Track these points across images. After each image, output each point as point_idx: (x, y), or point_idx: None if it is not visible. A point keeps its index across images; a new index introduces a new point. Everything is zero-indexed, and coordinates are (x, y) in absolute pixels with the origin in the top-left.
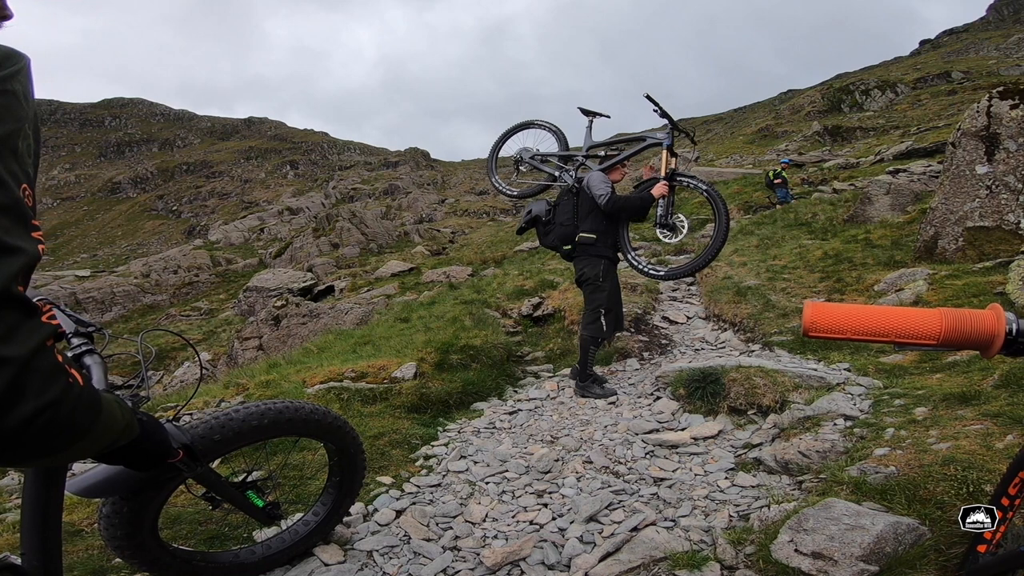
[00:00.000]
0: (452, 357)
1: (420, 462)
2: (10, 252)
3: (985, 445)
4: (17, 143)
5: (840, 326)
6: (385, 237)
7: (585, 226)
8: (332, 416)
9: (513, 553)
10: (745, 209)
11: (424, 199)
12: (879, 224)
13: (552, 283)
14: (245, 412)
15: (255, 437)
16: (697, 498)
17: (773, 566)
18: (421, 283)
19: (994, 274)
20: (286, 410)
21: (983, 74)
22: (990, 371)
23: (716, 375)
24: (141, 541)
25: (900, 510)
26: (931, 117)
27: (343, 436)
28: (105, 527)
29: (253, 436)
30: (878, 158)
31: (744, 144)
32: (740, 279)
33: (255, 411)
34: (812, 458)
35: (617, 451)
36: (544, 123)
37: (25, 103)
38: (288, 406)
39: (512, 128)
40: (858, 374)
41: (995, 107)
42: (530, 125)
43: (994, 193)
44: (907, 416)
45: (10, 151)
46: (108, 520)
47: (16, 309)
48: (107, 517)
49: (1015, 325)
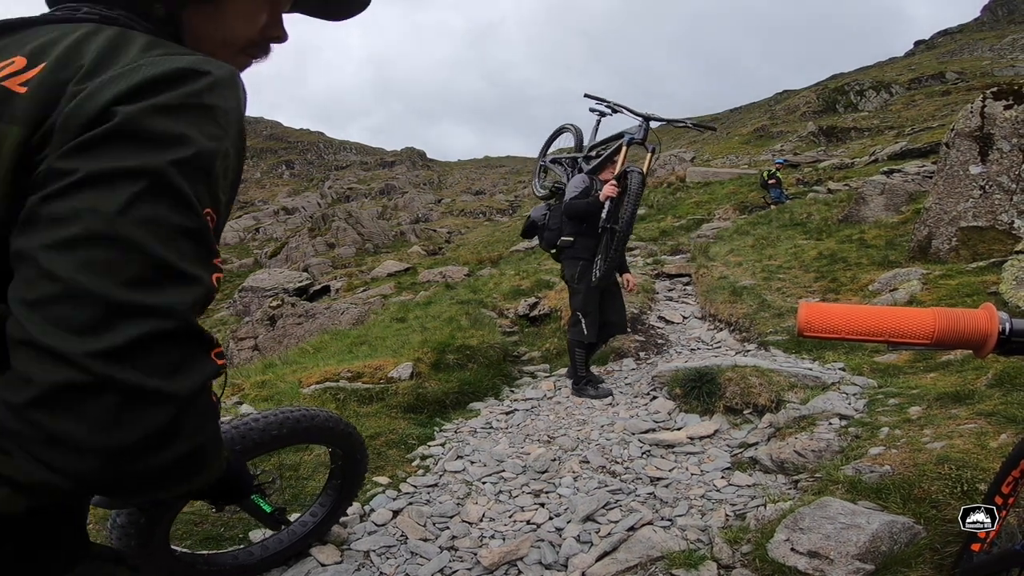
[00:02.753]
0: (448, 357)
1: (417, 462)
2: (189, 280)
3: (979, 444)
4: (213, 164)
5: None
6: (381, 237)
7: (566, 229)
8: (343, 423)
9: (510, 553)
10: (740, 209)
11: (420, 199)
12: (873, 224)
13: (548, 283)
14: (265, 422)
15: (273, 446)
16: (693, 497)
17: (769, 565)
18: (417, 283)
19: (988, 274)
20: (303, 419)
21: (977, 75)
22: (984, 370)
23: (712, 375)
24: (153, 551)
25: (895, 509)
26: (925, 118)
27: (352, 442)
28: (118, 536)
29: (272, 445)
30: (873, 158)
31: (740, 144)
32: (736, 279)
33: (274, 420)
34: (808, 457)
35: (614, 451)
36: (571, 126)
37: (225, 119)
38: (305, 414)
39: (551, 136)
40: (853, 373)
41: (989, 107)
42: (563, 130)
43: (988, 193)
44: (901, 415)
45: (203, 172)
46: (123, 530)
47: (190, 343)
48: (122, 527)
49: (1008, 324)
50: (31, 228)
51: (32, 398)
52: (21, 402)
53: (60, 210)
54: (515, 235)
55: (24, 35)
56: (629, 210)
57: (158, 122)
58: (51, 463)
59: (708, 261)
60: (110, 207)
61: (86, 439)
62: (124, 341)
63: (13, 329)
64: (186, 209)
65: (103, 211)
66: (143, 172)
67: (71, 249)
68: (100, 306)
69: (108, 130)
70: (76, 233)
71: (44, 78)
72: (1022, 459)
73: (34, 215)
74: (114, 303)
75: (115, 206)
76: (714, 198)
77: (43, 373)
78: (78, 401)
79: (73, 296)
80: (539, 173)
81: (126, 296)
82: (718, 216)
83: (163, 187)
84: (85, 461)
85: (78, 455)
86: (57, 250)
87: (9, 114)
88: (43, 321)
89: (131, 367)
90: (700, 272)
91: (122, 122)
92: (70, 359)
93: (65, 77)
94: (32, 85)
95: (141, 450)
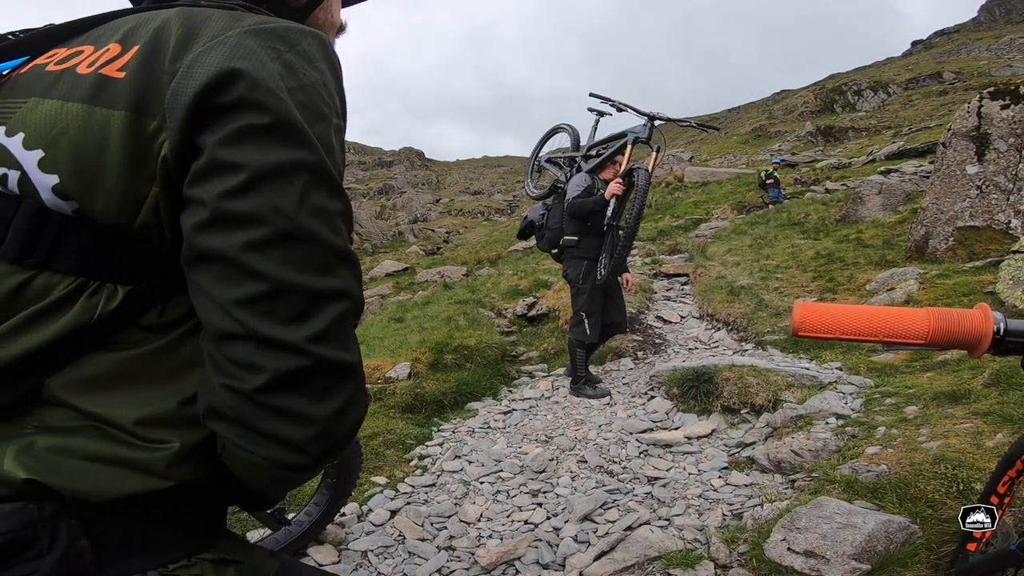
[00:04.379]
0: (447, 357)
1: (415, 462)
2: (352, 259)
3: (975, 444)
4: (330, 136)
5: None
6: (379, 237)
7: (568, 229)
8: None
9: (508, 552)
10: (738, 209)
11: (419, 199)
12: (871, 224)
13: (546, 283)
14: None
15: None
16: (691, 497)
17: (766, 565)
18: (416, 283)
19: (984, 273)
20: None
21: (974, 75)
22: (980, 370)
23: (709, 374)
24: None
25: (891, 508)
26: (922, 117)
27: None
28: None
29: None
30: (870, 158)
31: (738, 144)
32: (733, 279)
33: None
34: (804, 457)
35: (611, 450)
36: (566, 126)
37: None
38: None
39: (544, 136)
40: (850, 373)
41: (986, 107)
42: (557, 130)
43: (984, 193)
44: (898, 415)
45: (331, 148)
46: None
47: (357, 317)
48: None
49: (1003, 325)
50: (218, 226)
51: (264, 384)
52: (252, 388)
53: (245, 208)
54: (513, 235)
55: (117, 23)
56: (636, 207)
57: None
58: (279, 435)
59: (706, 261)
60: (290, 204)
61: (308, 410)
62: (326, 324)
63: (217, 322)
64: (339, 192)
65: (286, 209)
66: (305, 165)
67: (269, 248)
68: (303, 296)
69: (257, 123)
70: (269, 234)
71: (140, 60)
72: (1018, 459)
73: (220, 213)
74: (313, 292)
75: (293, 202)
76: (712, 198)
77: (272, 361)
78: (303, 381)
79: (281, 291)
80: (532, 173)
81: (320, 283)
82: (716, 216)
83: (321, 176)
84: (308, 429)
85: (303, 425)
86: (258, 250)
87: (111, 99)
88: (260, 315)
89: (333, 345)
90: (698, 272)
91: (272, 110)
92: (295, 347)
93: (159, 56)
94: (130, 68)
95: (343, 414)
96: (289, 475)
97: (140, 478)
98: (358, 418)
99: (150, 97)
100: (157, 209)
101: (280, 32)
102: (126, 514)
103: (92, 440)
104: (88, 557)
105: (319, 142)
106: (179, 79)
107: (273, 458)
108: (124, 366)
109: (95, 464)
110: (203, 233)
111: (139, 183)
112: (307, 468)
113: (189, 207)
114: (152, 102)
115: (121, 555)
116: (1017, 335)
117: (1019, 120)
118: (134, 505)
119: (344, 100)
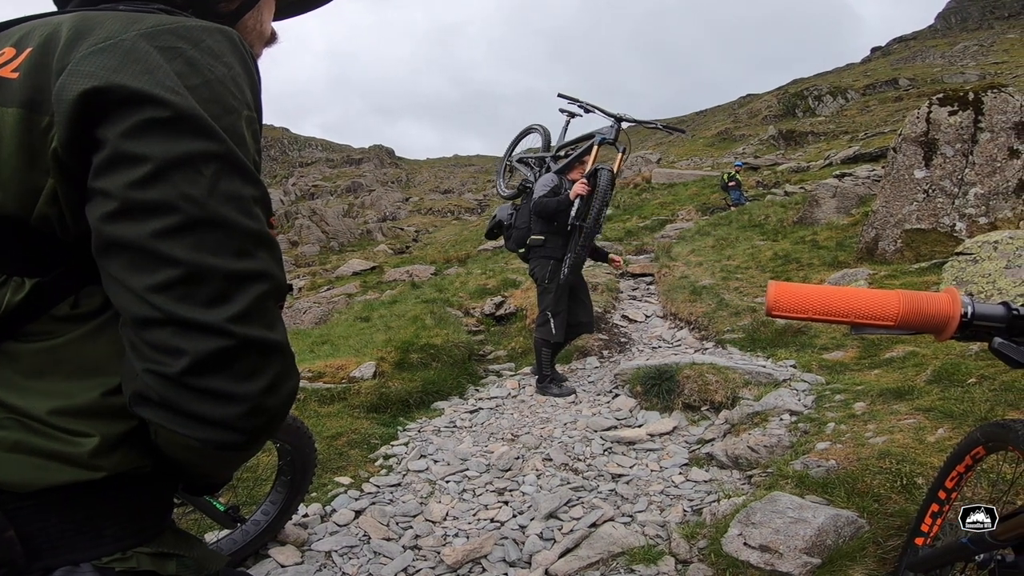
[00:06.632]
0: (413, 356)
1: (379, 462)
2: (270, 242)
3: (918, 439)
4: (240, 127)
5: (802, 306)
6: (347, 235)
7: (535, 228)
8: (291, 418)
9: (474, 551)
10: (703, 210)
11: (388, 197)
12: (825, 226)
13: (514, 282)
14: None
15: None
16: (653, 494)
17: (724, 559)
18: (383, 282)
19: (929, 274)
20: None
21: (928, 81)
22: (923, 367)
23: (671, 372)
24: None
25: (840, 503)
26: (878, 123)
27: (300, 436)
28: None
29: None
30: (827, 162)
31: (704, 147)
32: (696, 279)
33: None
34: (760, 453)
35: (576, 448)
36: (538, 126)
37: (239, 81)
38: None
39: (517, 136)
40: (803, 370)
41: (934, 113)
42: (530, 131)
43: (931, 197)
44: (847, 411)
45: (241, 138)
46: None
47: (280, 297)
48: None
49: (971, 308)
50: (127, 216)
51: (187, 366)
52: (177, 371)
53: (153, 197)
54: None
55: (12, 30)
56: (596, 206)
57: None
58: (208, 416)
59: (670, 261)
60: (201, 192)
61: (236, 389)
62: (247, 304)
63: (135, 309)
64: (252, 180)
65: (196, 197)
66: (213, 154)
67: (181, 234)
68: (220, 279)
69: (158, 117)
70: (180, 221)
71: (32, 61)
72: (967, 454)
73: (128, 203)
74: (231, 274)
75: (204, 190)
76: (678, 199)
77: (194, 343)
78: (228, 361)
79: (197, 275)
80: (504, 173)
81: (238, 266)
82: (681, 217)
83: (232, 164)
84: (237, 407)
85: (231, 404)
86: (170, 237)
87: (4, 98)
88: (177, 300)
89: (256, 325)
90: (663, 272)
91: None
92: (216, 328)
93: (48, 58)
94: (22, 70)
95: (272, 390)
96: (225, 455)
97: (64, 469)
98: (289, 393)
99: (41, 95)
100: (56, 201)
101: (182, 31)
102: (57, 505)
103: (12, 431)
104: (16, 548)
105: (228, 133)
106: (65, 76)
107: (206, 438)
108: (39, 357)
109: (16, 455)
110: (112, 223)
111: (34, 176)
112: (242, 446)
113: (95, 198)
114: (43, 100)
115: (53, 547)
116: (985, 319)
117: (966, 126)
118: (65, 496)
119: (258, 92)
